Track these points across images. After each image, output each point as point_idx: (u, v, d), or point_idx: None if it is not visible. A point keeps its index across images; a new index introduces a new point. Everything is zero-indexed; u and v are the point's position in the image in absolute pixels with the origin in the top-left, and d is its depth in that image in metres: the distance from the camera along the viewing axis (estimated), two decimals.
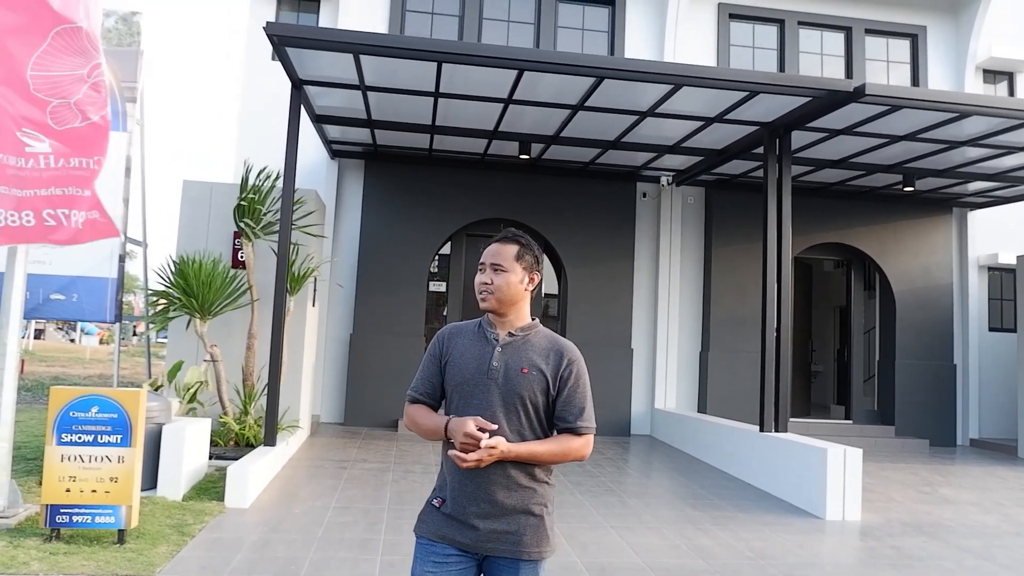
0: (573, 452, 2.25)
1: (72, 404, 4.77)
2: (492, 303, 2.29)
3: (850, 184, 11.37)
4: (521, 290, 2.31)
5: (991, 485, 8.60)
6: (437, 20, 11.41)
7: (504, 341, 2.29)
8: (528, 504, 2.22)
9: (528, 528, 2.21)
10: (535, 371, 2.24)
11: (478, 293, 2.32)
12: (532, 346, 2.29)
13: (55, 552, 4.50)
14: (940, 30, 12.47)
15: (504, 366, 2.24)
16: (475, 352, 2.29)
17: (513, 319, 2.32)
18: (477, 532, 2.19)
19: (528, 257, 2.34)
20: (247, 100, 11.24)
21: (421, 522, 2.31)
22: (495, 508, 2.19)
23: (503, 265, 2.29)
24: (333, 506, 6.08)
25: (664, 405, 11.40)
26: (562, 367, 2.27)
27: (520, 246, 2.33)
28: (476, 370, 2.25)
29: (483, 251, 2.37)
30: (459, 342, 2.34)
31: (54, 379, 15.57)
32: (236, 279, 8.30)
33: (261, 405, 7.86)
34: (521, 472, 2.22)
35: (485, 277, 2.30)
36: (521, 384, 2.23)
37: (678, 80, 7.35)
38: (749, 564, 5.11)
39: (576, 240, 11.40)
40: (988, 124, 8.17)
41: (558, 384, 2.26)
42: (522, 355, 2.27)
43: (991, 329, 12.34)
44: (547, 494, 2.29)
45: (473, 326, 2.38)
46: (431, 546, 2.24)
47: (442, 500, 2.26)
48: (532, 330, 2.34)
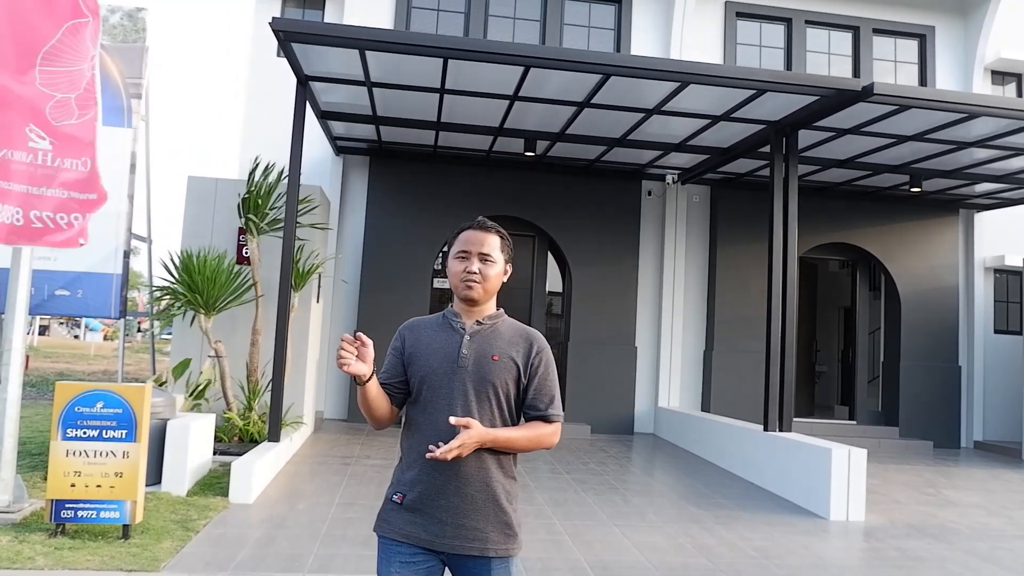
0: (544, 439, 2.24)
1: (77, 399, 4.77)
2: (479, 292, 2.23)
3: (856, 184, 11.33)
4: (501, 281, 2.30)
5: (995, 488, 8.57)
6: (443, 16, 11.39)
7: (472, 330, 2.24)
8: (497, 498, 2.16)
9: (495, 525, 2.15)
10: (506, 358, 2.21)
11: (461, 281, 2.23)
12: (500, 335, 2.25)
13: (60, 547, 4.50)
14: (949, 31, 12.41)
15: (474, 354, 2.20)
16: (442, 342, 2.23)
17: (483, 309, 2.28)
18: (443, 528, 2.12)
19: (508, 249, 2.33)
20: (252, 96, 11.24)
21: (382, 520, 2.21)
22: (463, 502, 2.12)
23: (491, 256, 2.25)
24: (337, 502, 6.08)
25: (668, 404, 11.39)
26: (532, 355, 2.24)
27: (501, 237, 2.31)
28: (444, 359, 2.20)
29: (459, 237, 2.29)
30: (423, 333, 2.28)
31: (59, 375, 15.61)
32: (240, 275, 8.30)
33: (265, 401, 7.86)
34: (491, 465, 2.16)
35: (472, 266, 2.22)
36: (492, 371, 2.19)
37: (685, 78, 7.32)
38: (753, 564, 5.09)
39: (581, 238, 11.38)
40: (996, 125, 8.13)
41: (529, 372, 2.23)
42: (491, 343, 2.23)
43: (996, 331, 12.29)
44: (514, 489, 2.24)
45: (435, 319, 2.33)
46: (396, 546, 2.16)
47: (402, 495, 2.17)
48: (499, 319, 2.30)
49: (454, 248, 2.28)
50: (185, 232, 8.89)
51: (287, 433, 7.75)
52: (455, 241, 2.30)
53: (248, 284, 8.30)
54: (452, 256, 2.28)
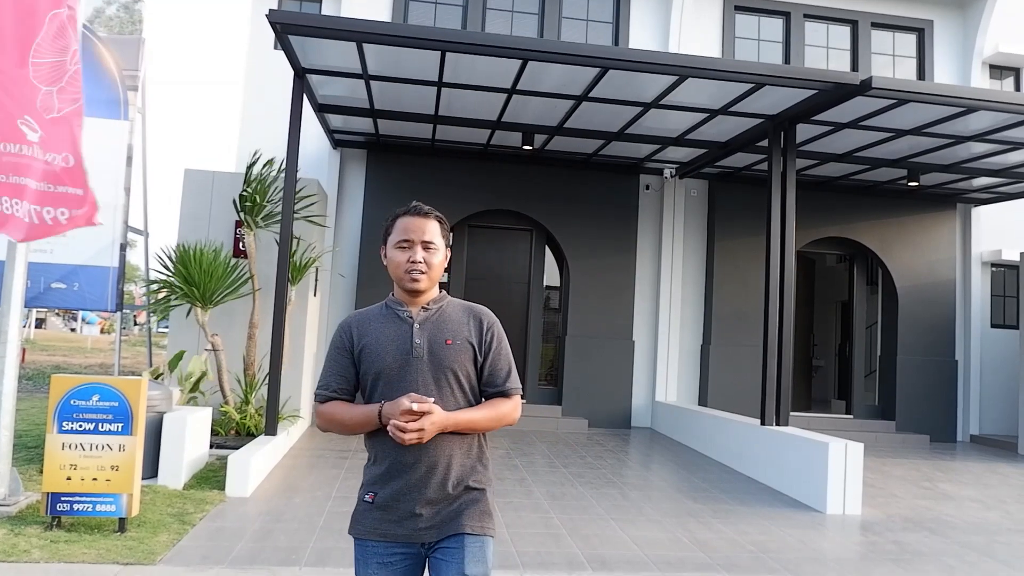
0: (506, 416, 2.20)
1: (73, 392, 4.76)
2: (426, 283, 2.18)
3: (854, 178, 11.32)
4: (443, 268, 2.26)
5: (992, 481, 8.59)
6: (440, 9, 11.35)
7: (420, 317, 2.19)
8: (468, 481, 2.14)
9: (469, 504, 2.13)
10: (460, 340, 2.17)
11: (406, 272, 2.16)
12: (449, 317, 2.21)
13: (56, 540, 4.50)
14: (947, 25, 12.39)
15: (427, 342, 2.15)
16: (392, 334, 2.17)
17: (427, 295, 2.22)
18: (418, 520, 2.09)
19: (447, 234, 2.27)
20: (249, 89, 11.19)
21: (356, 522, 2.17)
22: (435, 493, 2.10)
23: (434, 243, 2.19)
24: (334, 496, 6.08)
25: (665, 398, 11.40)
26: (484, 332, 2.21)
27: (440, 223, 2.25)
28: (397, 351, 2.14)
29: (396, 224, 2.21)
30: (370, 327, 2.21)
31: (55, 368, 15.58)
32: (237, 268, 8.28)
33: (262, 395, 7.85)
34: (459, 451, 2.13)
35: (416, 255, 2.16)
36: (448, 356, 2.14)
37: (683, 71, 7.30)
38: (750, 557, 5.10)
39: (578, 232, 11.36)
40: (994, 119, 8.13)
41: (483, 349, 2.20)
42: (442, 327, 2.18)
43: (993, 326, 12.31)
44: (487, 472, 2.22)
45: (378, 309, 2.27)
46: (372, 547, 2.13)
47: (374, 494, 2.14)
48: (444, 301, 2.25)
49: (393, 236, 2.21)
50: (182, 225, 8.87)
51: (284, 427, 7.75)
52: (392, 228, 2.22)
53: (245, 277, 8.28)
54: (392, 245, 2.21)
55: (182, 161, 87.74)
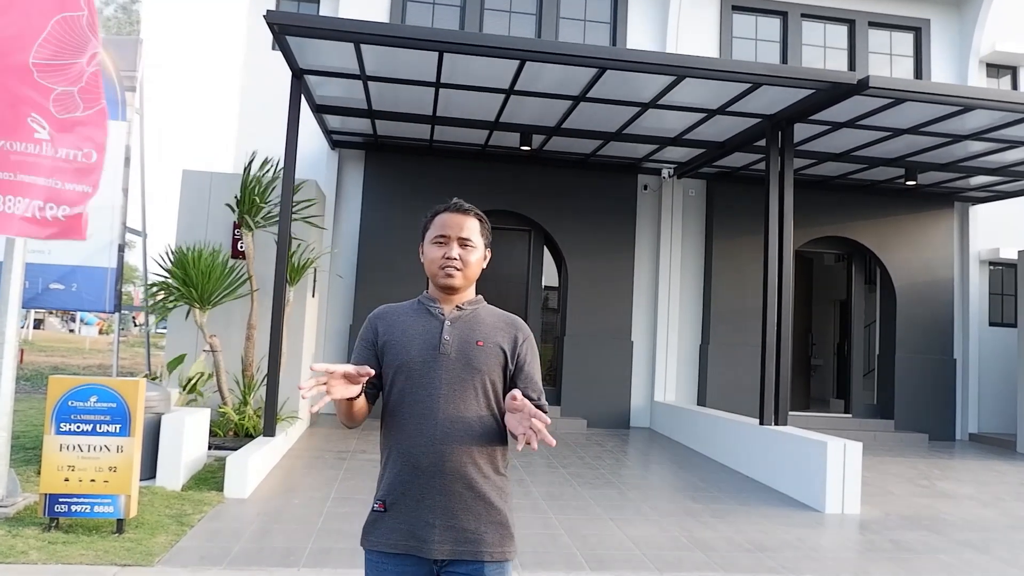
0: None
1: (71, 393, 4.76)
2: (460, 280, 2.09)
3: (852, 177, 11.33)
4: (481, 267, 2.16)
5: (990, 479, 8.60)
6: (438, 10, 11.35)
7: (452, 315, 2.09)
8: (490, 497, 2.00)
9: (490, 526, 1.99)
10: (491, 344, 2.07)
11: (441, 268, 2.07)
12: (483, 320, 2.12)
13: (54, 541, 4.49)
14: (944, 24, 12.41)
15: (457, 340, 2.05)
16: (420, 328, 2.08)
17: (463, 295, 2.14)
18: (432, 531, 1.95)
19: (487, 232, 2.19)
20: (247, 89, 11.20)
21: (367, 533, 2.04)
22: (451, 501, 1.96)
23: (471, 240, 2.11)
24: (332, 497, 6.08)
25: (664, 398, 11.40)
26: (519, 343, 2.11)
27: (480, 221, 2.16)
28: (424, 345, 2.04)
29: (434, 220, 2.14)
30: (398, 320, 2.12)
31: (53, 369, 15.57)
32: (236, 269, 8.28)
33: (260, 396, 7.85)
34: (480, 459, 2.01)
35: (452, 251, 2.08)
36: (478, 358, 2.04)
37: (681, 71, 7.31)
38: (748, 556, 5.11)
39: (577, 232, 11.37)
40: (991, 118, 8.14)
41: (516, 360, 2.09)
42: (475, 328, 2.09)
43: (991, 324, 12.33)
44: (507, 487, 2.09)
45: (410, 304, 2.17)
46: (383, 560, 1.99)
47: (383, 503, 2.01)
48: (479, 304, 2.17)
49: (430, 232, 2.14)
50: (180, 226, 8.87)
51: (282, 428, 7.74)
52: (431, 225, 2.15)
53: (243, 278, 8.28)
54: (429, 241, 2.13)
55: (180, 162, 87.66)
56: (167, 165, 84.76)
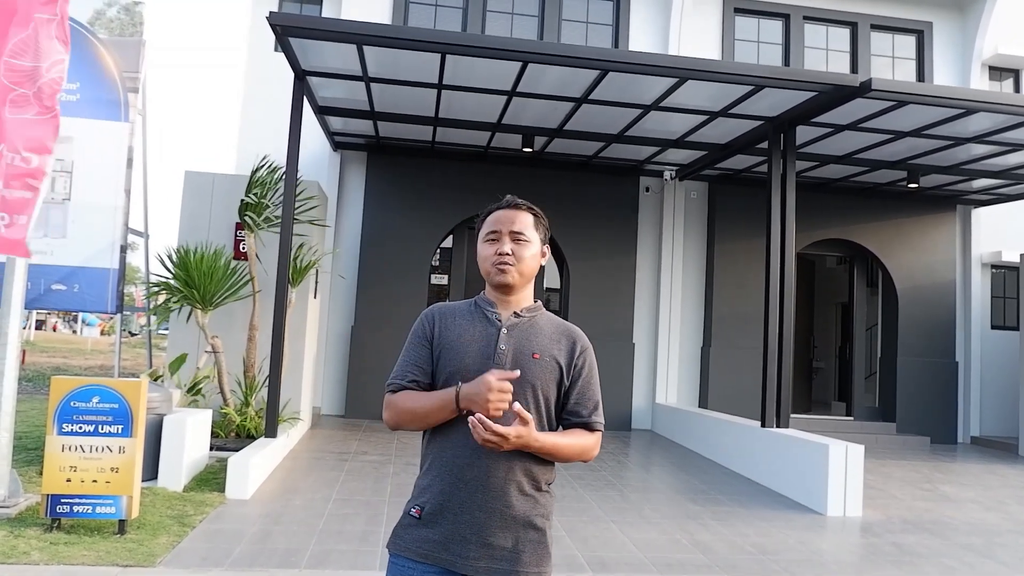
0: (588, 450, 1.99)
1: (73, 394, 4.76)
2: (514, 277, 1.98)
3: (854, 180, 11.33)
4: (539, 263, 2.05)
5: (992, 483, 8.59)
6: (440, 12, 11.36)
7: (509, 322, 1.99)
8: (531, 516, 1.91)
9: (528, 544, 1.89)
10: (547, 357, 1.97)
11: (495, 265, 1.98)
12: (541, 330, 2.01)
13: (56, 542, 4.49)
14: (946, 27, 12.40)
15: (513, 350, 1.95)
16: (476, 334, 1.98)
17: (520, 298, 2.04)
18: (467, 546, 1.85)
19: (543, 227, 2.08)
20: (250, 91, 11.21)
21: (397, 537, 1.95)
22: (493, 519, 1.87)
23: (525, 234, 2.00)
24: (334, 498, 6.08)
25: (665, 400, 11.39)
26: (576, 355, 2.01)
27: (535, 216, 2.06)
28: (479, 354, 1.94)
29: (486, 218, 2.06)
30: (455, 323, 2.02)
31: (55, 369, 15.58)
32: (238, 271, 8.28)
33: (262, 397, 7.85)
34: (524, 476, 1.91)
35: (504, 247, 1.97)
36: (532, 371, 1.94)
37: (683, 73, 7.31)
38: (750, 559, 5.10)
39: (579, 234, 11.37)
40: (994, 121, 8.13)
41: (572, 374, 1.99)
42: (531, 339, 1.98)
43: (993, 327, 12.31)
44: (549, 505, 1.99)
45: (467, 306, 2.07)
46: (410, 566, 1.89)
47: (421, 509, 1.92)
48: (538, 311, 2.06)
49: (483, 231, 2.05)
50: (182, 227, 8.87)
51: (284, 429, 7.74)
52: (483, 223, 2.06)
53: (245, 279, 8.28)
54: (481, 240, 2.04)
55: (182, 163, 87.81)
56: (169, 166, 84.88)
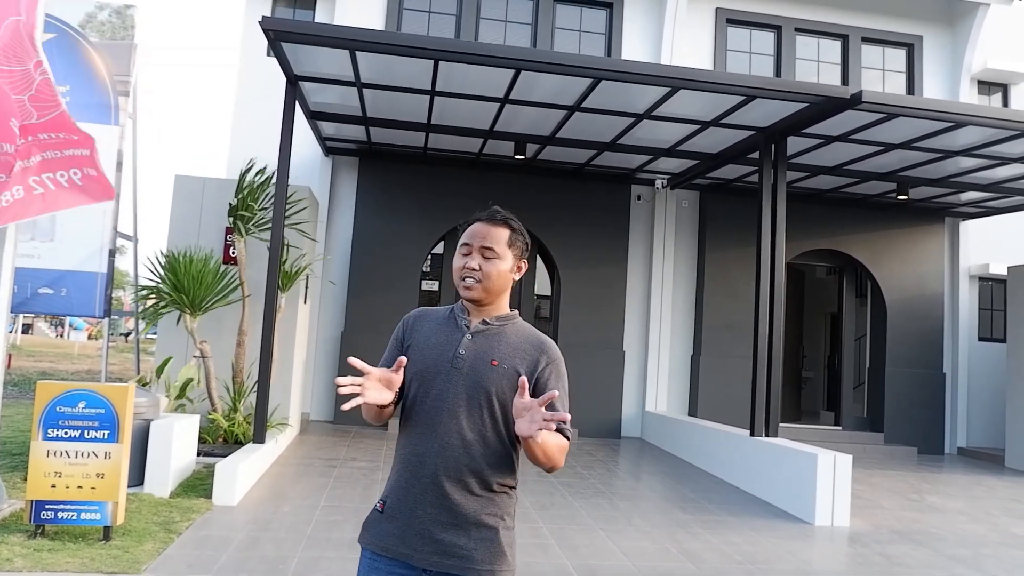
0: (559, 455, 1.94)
1: (59, 399, 4.71)
2: (479, 292, 2.03)
3: (844, 191, 11.40)
4: (510, 279, 2.08)
5: (979, 494, 8.63)
6: (434, 19, 11.38)
7: (476, 329, 2.04)
8: (480, 515, 1.93)
9: (481, 543, 1.92)
10: (506, 366, 1.99)
11: (460, 279, 2.04)
12: (506, 339, 2.04)
13: (39, 548, 4.44)
14: (936, 40, 12.52)
15: (473, 356, 2.00)
16: (441, 338, 2.04)
17: (492, 308, 2.08)
18: (420, 540, 1.91)
19: (520, 243, 2.11)
20: (241, 95, 11.18)
21: (365, 530, 2.03)
22: (442, 514, 1.91)
23: (495, 250, 2.04)
24: (322, 505, 6.04)
25: (655, 408, 11.40)
26: (540, 367, 2.01)
27: (512, 230, 2.10)
28: (440, 357, 2.01)
29: (465, 228, 2.10)
30: (425, 326, 2.10)
31: (41, 374, 15.44)
32: (227, 275, 8.24)
33: (251, 402, 7.80)
34: (476, 477, 1.94)
35: (472, 262, 2.03)
36: (489, 378, 1.97)
37: (675, 83, 7.34)
38: (738, 568, 5.10)
39: (570, 241, 11.38)
40: (983, 134, 8.21)
41: (534, 385, 1.99)
42: (494, 346, 2.02)
43: (981, 339, 12.39)
44: (506, 505, 1.99)
45: (444, 312, 2.14)
46: (375, 559, 1.97)
47: (384, 503, 2.00)
48: (510, 321, 2.09)
49: (460, 240, 2.10)
50: (172, 231, 8.82)
51: (272, 435, 7.69)
52: (463, 232, 2.11)
53: (235, 284, 8.24)
54: (457, 249, 2.11)
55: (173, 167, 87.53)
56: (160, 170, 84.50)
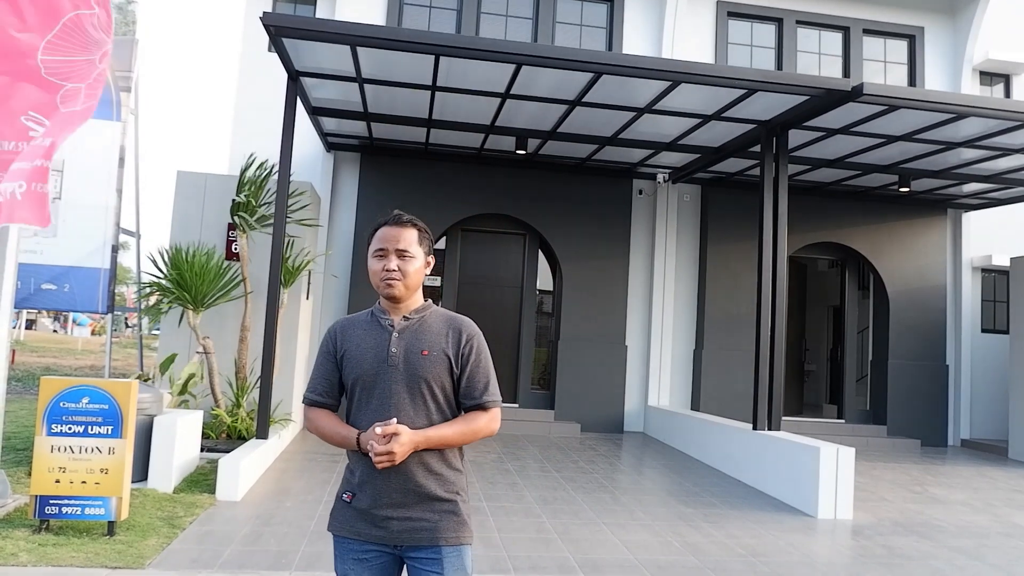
0: (482, 429, 2.21)
1: (62, 394, 4.73)
2: (401, 290, 2.21)
3: (846, 184, 11.38)
4: (423, 274, 2.28)
5: (982, 485, 8.63)
6: (435, 13, 11.36)
7: (400, 326, 2.23)
8: (440, 492, 2.16)
9: (444, 515, 2.16)
10: (436, 352, 2.19)
11: (382, 280, 2.21)
12: (429, 327, 2.24)
13: (44, 543, 4.47)
14: (938, 31, 12.48)
15: (404, 350, 2.19)
16: (371, 341, 2.22)
17: (409, 304, 2.27)
18: (390, 523, 2.14)
19: (427, 241, 2.30)
20: (243, 91, 11.17)
21: (333, 519, 2.23)
22: (407, 498, 2.14)
23: (409, 251, 2.22)
24: (325, 500, 6.06)
25: (658, 402, 11.41)
26: (462, 344, 2.23)
27: (419, 230, 2.28)
28: (375, 358, 2.19)
29: (376, 234, 2.27)
30: (353, 333, 2.27)
31: (45, 370, 15.48)
32: (230, 271, 8.26)
33: (254, 398, 7.82)
34: (432, 458, 2.16)
35: (391, 263, 2.21)
36: (423, 367, 2.17)
37: (676, 77, 7.32)
38: (741, 562, 5.11)
39: (571, 236, 11.38)
40: (984, 126, 8.18)
41: (460, 362, 2.22)
42: (420, 337, 2.21)
43: (983, 330, 12.37)
44: (459, 481, 2.23)
45: (365, 316, 2.31)
46: (348, 543, 2.18)
47: (352, 494, 2.19)
48: (427, 311, 2.29)
49: (372, 246, 2.26)
50: (174, 227, 8.84)
51: (275, 430, 7.71)
52: (372, 239, 2.27)
53: (237, 280, 8.26)
54: (371, 254, 2.26)
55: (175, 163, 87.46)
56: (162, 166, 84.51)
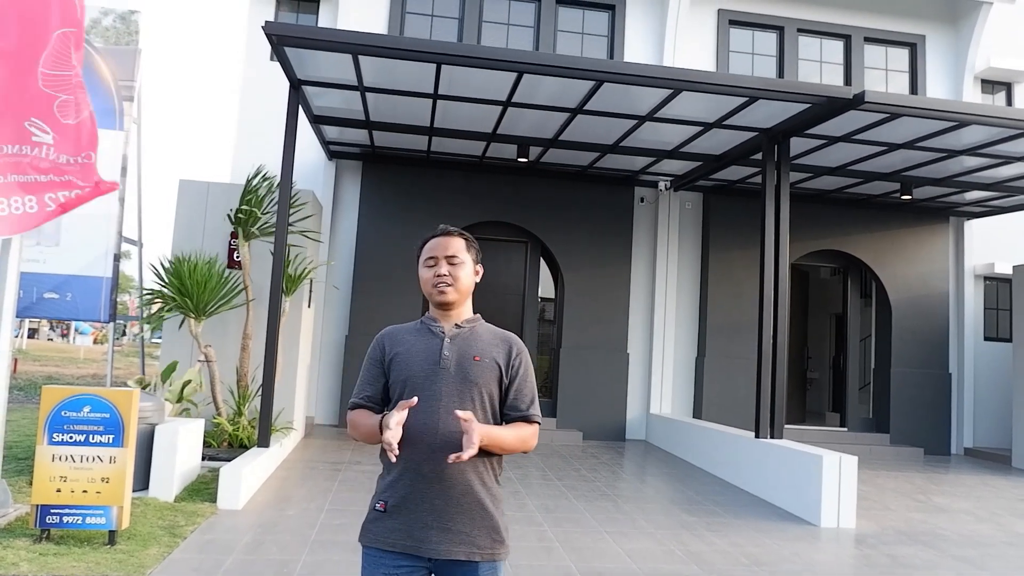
0: (527, 440, 2.23)
1: (64, 403, 4.73)
2: (453, 295, 2.25)
3: (848, 191, 11.38)
4: (473, 281, 2.32)
5: (985, 494, 8.59)
6: (437, 22, 11.40)
7: (452, 333, 2.26)
8: (482, 501, 2.15)
9: (482, 529, 2.14)
10: (488, 359, 2.23)
11: (434, 286, 2.25)
12: (480, 337, 2.28)
13: (45, 553, 4.45)
14: (939, 39, 12.50)
15: (456, 355, 2.22)
16: (422, 346, 2.25)
17: (460, 312, 2.30)
18: (428, 532, 2.11)
19: (474, 249, 2.35)
20: (245, 99, 11.21)
21: (366, 530, 2.20)
22: (447, 505, 2.11)
23: (459, 256, 2.27)
24: (327, 508, 6.04)
25: (660, 410, 11.38)
26: (512, 356, 2.27)
27: (466, 240, 2.33)
28: (426, 361, 2.21)
29: (424, 247, 2.32)
30: (403, 339, 2.29)
31: (47, 378, 15.49)
32: (231, 280, 8.26)
33: (255, 406, 7.81)
34: (475, 468, 2.15)
35: (442, 269, 2.25)
36: (475, 372, 2.20)
37: (678, 84, 7.34)
38: (744, 570, 5.08)
39: (573, 244, 11.38)
40: (987, 133, 8.18)
41: (510, 373, 2.25)
42: (472, 344, 2.25)
43: (987, 339, 12.34)
44: (499, 493, 2.24)
45: (414, 325, 2.35)
46: (380, 556, 2.15)
47: (385, 503, 2.17)
48: (477, 322, 2.33)
49: (421, 258, 2.32)
50: (176, 236, 8.85)
51: (277, 438, 7.70)
52: (421, 252, 2.33)
53: (239, 289, 8.26)
54: (421, 266, 2.32)
55: (177, 171, 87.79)
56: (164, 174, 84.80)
